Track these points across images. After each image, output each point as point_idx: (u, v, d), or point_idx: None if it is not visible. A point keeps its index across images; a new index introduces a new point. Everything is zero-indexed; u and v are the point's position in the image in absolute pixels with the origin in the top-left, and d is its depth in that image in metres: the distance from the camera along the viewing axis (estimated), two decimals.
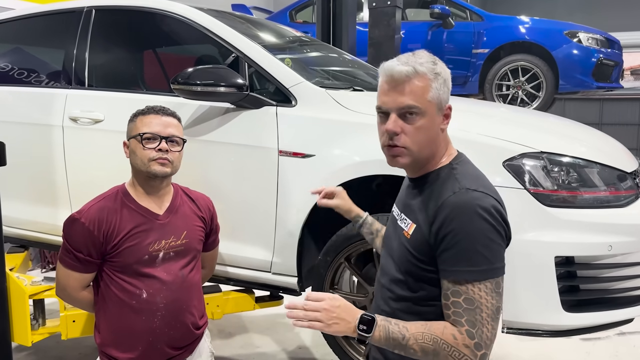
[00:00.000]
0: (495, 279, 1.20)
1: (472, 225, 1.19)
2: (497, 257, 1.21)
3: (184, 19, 2.64)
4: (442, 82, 1.29)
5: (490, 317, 1.19)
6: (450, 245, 1.21)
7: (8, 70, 3.17)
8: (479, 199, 1.22)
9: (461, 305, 1.20)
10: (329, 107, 2.32)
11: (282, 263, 2.40)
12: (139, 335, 1.92)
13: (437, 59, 1.32)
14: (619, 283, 2.06)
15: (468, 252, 1.19)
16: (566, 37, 5.90)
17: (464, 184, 1.25)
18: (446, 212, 1.22)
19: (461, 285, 1.20)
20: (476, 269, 1.19)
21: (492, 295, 1.19)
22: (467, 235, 1.19)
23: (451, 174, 1.30)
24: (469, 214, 1.20)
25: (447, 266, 1.22)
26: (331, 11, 5.07)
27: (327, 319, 1.22)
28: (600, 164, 2.08)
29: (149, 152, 1.91)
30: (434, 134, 1.31)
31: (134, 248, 1.89)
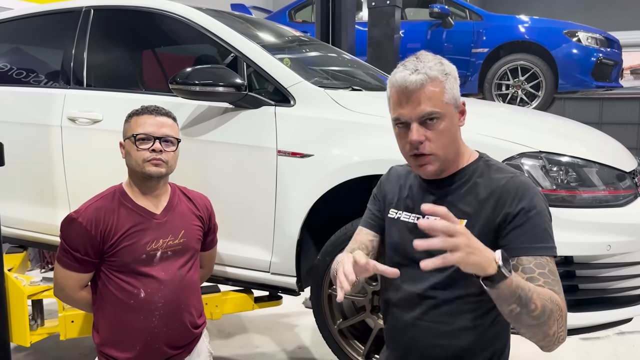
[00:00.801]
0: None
1: (540, 204, 1.26)
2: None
3: (183, 19, 2.64)
4: (453, 80, 1.30)
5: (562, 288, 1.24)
6: (523, 222, 1.24)
7: (7, 70, 3.17)
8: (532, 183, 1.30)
9: (549, 276, 1.22)
10: (327, 106, 2.31)
11: (281, 263, 2.39)
12: (137, 335, 1.92)
13: (441, 58, 1.33)
14: (618, 282, 2.06)
15: (542, 228, 1.25)
16: (565, 36, 5.90)
17: (512, 170, 1.32)
18: (513, 192, 1.26)
19: (542, 258, 1.24)
20: (552, 244, 1.26)
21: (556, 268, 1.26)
22: (539, 213, 1.25)
23: (491, 165, 1.35)
24: (536, 194, 1.27)
25: (522, 242, 1.24)
26: (330, 11, 5.06)
27: (467, 247, 1.04)
28: (599, 163, 2.07)
29: (143, 152, 1.91)
30: (456, 134, 1.34)
31: (131, 247, 1.89)
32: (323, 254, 2.33)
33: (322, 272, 2.34)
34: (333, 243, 2.30)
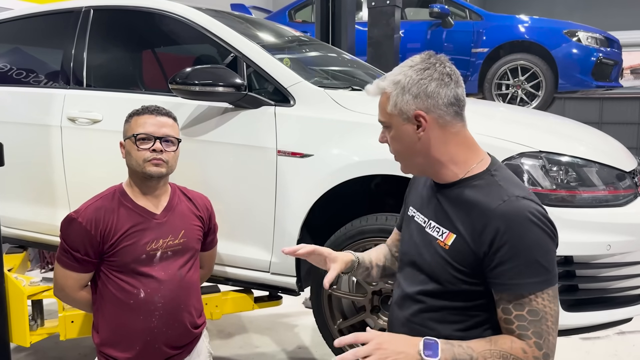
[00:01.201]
0: (555, 285, 1.18)
1: (529, 235, 1.15)
2: (554, 265, 1.19)
3: (182, 19, 2.64)
4: (401, 90, 1.26)
5: (554, 324, 1.17)
6: (508, 258, 1.16)
7: (6, 71, 3.17)
8: (530, 207, 1.17)
9: (525, 318, 1.16)
10: (327, 106, 2.31)
11: (281, 263, 2.39)
12: (136, 335, 1.92)
13: (410, 66, 1.27)
14: (618, 282, 2.06)
15: (528, 263, 1.15)
16: (565, 36, 5.90)
17: (512, 191, 1.20)
18: (498, 222, 1.17)
19: (523, 297, 1.16)
20: (537, 279, 1.16)
21: (554, 303, 1.18)
22: (525, 247, 1.15)
23: (493, 180, 1.24)
24: (524, 223, 1.16)
25: (506, 279, 1.17)
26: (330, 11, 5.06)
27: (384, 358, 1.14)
28: (599, 163, 2.07)
29: (144, 152, 1.91)
30: (410, 143, 1.28)
31: (131, 247, 1.89)
32: None
33: (322, 272, 2.34)
34: (333, 243, 2.30)
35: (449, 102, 1.25)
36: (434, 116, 1.25)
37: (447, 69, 1.26)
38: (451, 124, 1.26)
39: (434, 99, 1.24)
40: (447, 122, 1.26)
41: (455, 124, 1.27)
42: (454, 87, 1.26)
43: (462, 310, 1.27)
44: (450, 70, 1.26)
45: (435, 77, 1.24)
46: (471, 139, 1.31)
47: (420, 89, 1.24)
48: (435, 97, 1.24)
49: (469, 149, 1.30)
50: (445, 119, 1.26)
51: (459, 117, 1.27)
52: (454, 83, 1.26)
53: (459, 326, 1.28)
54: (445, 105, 1.25)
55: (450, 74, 1.26)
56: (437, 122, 1.26)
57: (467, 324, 1.27)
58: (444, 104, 1.25)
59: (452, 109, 1.25)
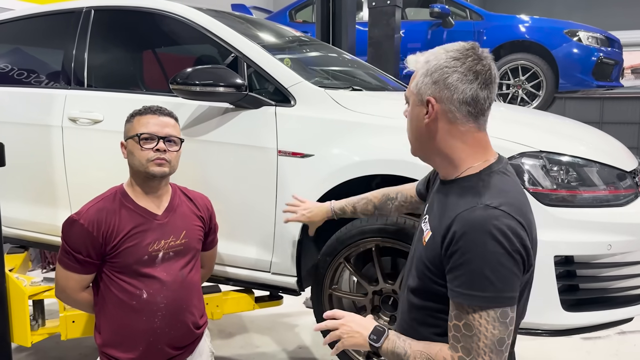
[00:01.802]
0: (502, 308, 1.10)
1: (483, 246, 1.09)
2: (507, 285, 1.10)
3: (183, 19, 2.64)
4: (425, 71, 1.23)
5: (488, 348, 1.10)
6: (457, 264, 1.12)
7: (7, 71, 3.17)
8: (496, 218, 1.10)
9: (460, 330, 1.13)
10: (328, 106, 2.32)
11: (282, 263, 2.40)
12: (139, 336, 1.92)
13: (442, 50, 1.24)
14: (618, 282, 2.05)
15: (474, 274, 1.10)
16: (566, 36, 5.90)
17: (485, 199, 1.14)
18: (457, 227, 1.13)
19: (463, 308, 1.12)
20: (480, 294, 1.10)
21: (494, 325, 1.10)
22: (475, 257, 1.10)
23: (476, 185, 1.19)
24: (481, 233, 1.10)
25: (453, 286, 1.14)
26: (331, 11, 5.06)
27: (344, 333, 1.30)
28: (600, 163, 2.07)
29: (147, 152, 1.91)
30: (418, 126, 1.27)
31: (133, 248, 1.89)
32: (323, 254, 2.33)
33: (322, 272, 2.34)
34: (333, 243, 2.30)
35: (463, 100, 1.19)
36: (444, 108, 1.21)
37: (477, 67, 1.19)
38: (460, 122, 1.22)
39: (451, 92, 1.20)
40: (457, 118, 1.21)
41: (465, 123, 1.22)
42: (477, 87, 1.19)
43: (436, 312, 1.25)
44: (481, 69, 1.20)
45: (460, 70, 1.19)
46: (480, 142, 1.25)
47: (441, 76, 1.20)
48: (452, 90, 1.19)
49: (473, 149, 1.24)
50: (455, 115, 1.21)
51: (471, 118, 1.22)
52: (479, 83, 1.19)
53: (435, 330, 1.26)
54: (459, 102, 1.20)
55: (479, 73, 1.19)
56: (446, 115, 1.22)
57: (442, 329, 1.23)
58: (458, 100, 1.20)
59: (465, 107, 1.20)
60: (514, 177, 1.29)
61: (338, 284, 2.40)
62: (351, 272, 2.34)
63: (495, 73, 1.23)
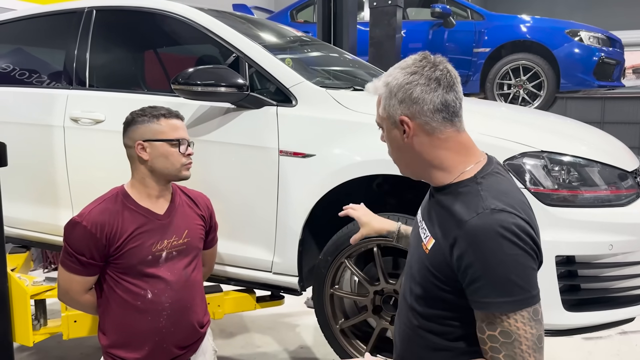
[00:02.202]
0: (533, 306, 1.10)
1: (499, 251, 1.08)
2: (531, 283, 1.10)
3: (184, 19, 2.64)
4: (389, 94, 1.24)
5: (531, 349, 1.09)
6: (478, 276, 1.10)
7: (9, 71, 3.18)
8: (505, 220, 1.10)
9: (498, 340, 1.10)
10: (329, 106, 2.32)
11: (283, 263, 2.40)
12: (145, 336, 1.92)
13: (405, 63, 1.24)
14: (620, 282, 2.05)
15: (499, 281, 1.08)
16: (567, 35, 5.89)
17: (488, 203, 1.13)
18: (468, 238, 1.11)
19: (495, 317, 1.10)
20: (510, 299, 1.08)
21: (530, 325, 1.09)
22: (495, 263, 1.08)
23: (475, 189, 1.18)
24: (494, 239, 1.09)
25: (479, 297, 1.11)
26: (332, 11, 5.06)
27: None
28: (601, 163, 2.07)
29: (182, 157, 1.97)
30: (399, 147, 1.28)
31: (137, 249, 1.89)
32: (325, 254, 2.34)
33: (324, 271, 2.35)
34: (335, 243, 2.31)
35: (435, 109, 1.20)
36: (419, 122, 1.21)
37: (436, 74, 1.20)
38: (439, 130, 1.22)
39: (419, 105, 1.20)
40: (434, 128, 1.21)
41: (444, 130, 1.22)
42: (442, 92, 1.20)
43: (444, 320, 1.24)
44: (440, 74, 1.20)
45: (421, 82, 1.20)
46: (464, 144, 1.26)
47: (405, 94, 1.21)
48: (420, 103, 1.20)
49: (460, 153, 1.24)
50: (432, 125, 1.21)
51: (448, 123, 1.22)
52: (443, 88, 1.20)
53: (445, 336, 1.24)
54: (431, 112, 1.20)
55: (440, 79, 1.20)
56: (423, 128, 1.22)
57: (453, 335, 1.23)
58: (430, 110, 1.20)
59: (439, 115, 1.20)
60: (508, 175, 1.29)
61: (339, 284, 2.41)
62: (352, 272, 2.34)
63: (454, 74, 1.23)
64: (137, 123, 1.97)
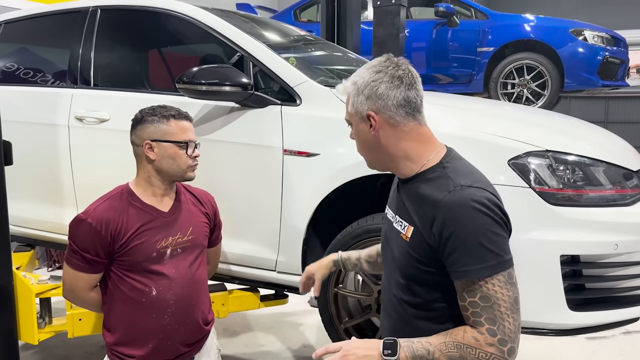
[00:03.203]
0: (507, 270, 1.20)
1: (472, 222, 1.20)
2: (503, 249, 1.21)
3: (189, 19, 2.65)
4: (356, 91, 1.34)
5: (509, 310, 1.19)
6: (456, 246, 1.20)
7: (14, 70, 3.19)
8: (475, 194, 1.22)
9: (478, 304, 1.20)
10: (333, 105, 2.32)
11: (287, 262, 2.40)
12: (150, 333, 1.93)
13: (366, 68, 1.35)
14: (624, 282, 2.05)
15: (474, 249, 1.19)
16: (571, 35, 5.88)
17: (457, 181, 1.25)
18: (444, 213, 1.22)
19: (474, 283, 1.20)
20: (485, 265, 1.19)
21: (507, 288, 1.19)
22: (469, 233, 1.19)
23: (443, 172, 1.29)
24: (468, 210, 1.20)
25: (457, 267, 1.21)
26: (335, 10, 5.06)
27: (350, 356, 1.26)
28: (606, 162, 2.07)
29: (188, 159, 1.98)
30: (367, 141, 1.37)
31: (142, 246, 1.90)
32: (329, 253, 2.33)
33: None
34: (339, 242, 2.31)
35: (398, 104, 1.31)
36: (384, 116, 1.32)
37: (399, 72, 1.31)
38: (402, 124, 1.32)
39: (384, 101, 1.31)
40: (398, 122, 1.32)
41: (407, 123, 1.33)
42: (404, 89, 1.31)
43: (432, 303, 1.32)
44: (402, 73, 1.32)
45: (385, 80, 1.31)
46: (426, 135, 1.36)
47: (371, 90, 1.32)
48: (385, 99, 1.31)
49: (423, 144, 1.35)
50: (396, 119, 1.32)
51: (410, 117, 1.32)
52: (405, 86, 1.31)
53: (434, 320, 1.32)
54: (395, 107, 1.31)
55: (402, 77, 1.31)
56: (388, 122, 1.33)
57: (442, 318, 1.30)
58: (394, 105, 1.31)
59: (402, 110, 1.31)
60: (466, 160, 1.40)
61: (343, 283, 2.41)
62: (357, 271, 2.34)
63: (415, 74, 1.35)
64: (146, 122, 1.96)
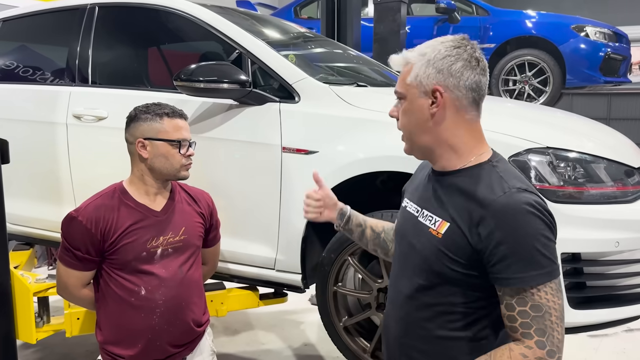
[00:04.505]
0: (558, 277, 1.15)
1: (529, 226, 1.13)
2: (555, 256, 1.15)
3: (187, 16, 2.63)
4: (425, 63, 1.23)
5: (559, 319, 1.13)
6: (509, 252, 1.13)
7: (13, 68, 3.18)
8: (530, 198, 1.15)
9: (529, 314, 1.13)
10: (332, 103, 2.30)
11: (286, 260, 2.39)
12: (138, 332, 1.92)
13: (442, 41, 1.25)
14: (626, 280, 2.04)
15: (529, 255, 1.12)
16: (573, 31, 5.85)
17: (513, 183, 1.17)
18: (498, 215, 1.14)
19: (525, 291, 1.13)
20: (542, 271, 1.12)
21: (557, 296, 1.13)
22: (526, 238, 1.12)
23: (494, 171, 1.21)
24: (524, 215, 1.13)
25: (509, 274, 1.13)
26: (336, 7, 5.05)
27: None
28: (607, 159, 2.05)
29: (182, 158, 1.96)
30: (421, 119, 1.26)
31: (131, 245, 1.89)
32: (328, 251, 2.33)
33: (327, 269, 2.34)
34: (338, 240, 2.29)
35: (469, 87, 1.22)
36: (451, 96, 1.23)
37: (477, 54, 1.24)
38: (466, 110, 1.24)
39: (457, 79, 1.22)
40: (463, 106, 1.23)
41: (471, 111, 1.25)
42: (479, 73, 1.23)
43: (457, 306, 1.24)
44: (479, 56, 1.24)
45: (464, 57, 1.22)
46: (479, 133, 1.28)
47: (445, 64, 1.22)
48: (458, 77, 1.22)
49: (476, 140, 1.27)
50: (462, 102, 1.23)
51: (475, 105, 1.25)
52: (481, 69, 1.23)
53: (455, 325, 1.24)
54: (466, 88, 1.22)
55: (479, 60, 1.23)
56: (454, 103, 1.23)
57: (464, 322, 1.23)
58: (465, 86, 1.22)
59: (471, 94, 1.23)
60: None
61: (343, 282, 2.40)
62: (356, 269, 2.33)
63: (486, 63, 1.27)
64: (139, 120, 1.96)
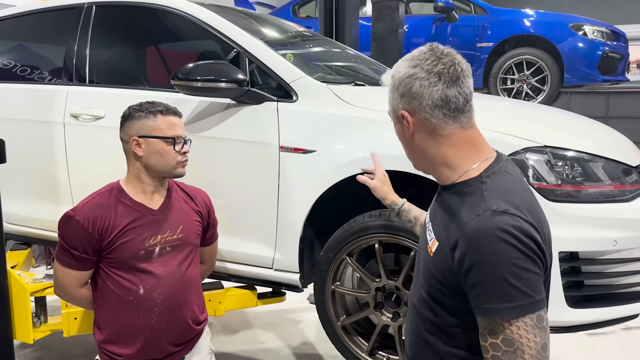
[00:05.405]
0: (536, 312, 1.03)
1: (498, 254, 1.03)
2: (534, 288, 1.03)
3: (185, 15, 2.62)
4: (392, 87, 1.22)
5: (534, 358, 1.03)
6: (478, 280, 1.05)
7: (10, 67, 3.17)
8: (504, 222, 1.04)
9: (499, 347, 1.05)
10: (330, 102, 2.30)
11: (284, 259, 2.38)
12: (136, 331, 1.92)
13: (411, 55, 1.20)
14: (624, 278, 2.03)
15: (498, 286, 1.03)
16: (571, 30, 5.85)
17: (490, 204, 1.08)
18: (467, 240, 1.07)
19: (497, 324, 1.05)
20: (510, 304, 1.02)
21: (534, 333, 1.03)
22: (494, 267, 1.03)
23: (479, 189, 1.13)
24: (493, 241, 1.03)
25: (480, 303, 1.06)
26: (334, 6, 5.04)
27: None
28: (605, 158, 2.05)
29: (177, 155, 1.96)
30: (405, 143, 1.26)
31: (129, 244, 1.89)
32: (326, 250, 2.32)
33: (325, 268, 2.33)
34: (336, 239, 2.29)
35: (434, 105, 1.15)
36: (419, 118, 1.18)
37: (437, 67, 1.14)
38: (440, 127, 1.17)
39: (418, 100, 1.16)
40: (434, 125, 1.17)
41: (445, 127, 1.17)
42: (442, 87, 1.14)
43: (450, 327, 1.19)
44: (442, 68, 1.14)
45: (420, 77, 1.15)
46: (470, 141, 1.20)
47: (405, 88, 1.17)
48: (419, 99, 1.16)
49: (464, 151, 1.19)
50: (432, 121, 1.17)
51: (450, 120, 1.16)
52: (444, 83, 1.14)
53: (451, 342, 1.20)
54: (430, 108, 1.15)
55: (441, 73, 1.14)
56: (424, 124, 1.18)
57: (457, 343, 1.19)
58: (428, 106, 1.15)
59: (438, 111, 1.15)
60: (518, 174, 1.23)
61: (341, 281, 2.39)
62: (354, 268, 2.33)
63: (461, 67, 1.16)
64: (133, 118, 1.96)
